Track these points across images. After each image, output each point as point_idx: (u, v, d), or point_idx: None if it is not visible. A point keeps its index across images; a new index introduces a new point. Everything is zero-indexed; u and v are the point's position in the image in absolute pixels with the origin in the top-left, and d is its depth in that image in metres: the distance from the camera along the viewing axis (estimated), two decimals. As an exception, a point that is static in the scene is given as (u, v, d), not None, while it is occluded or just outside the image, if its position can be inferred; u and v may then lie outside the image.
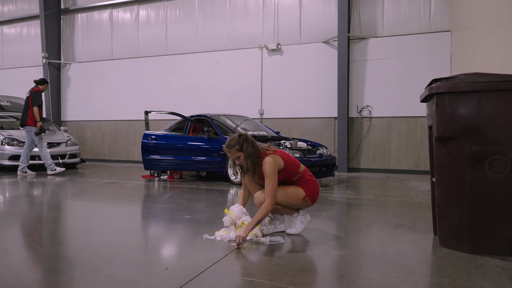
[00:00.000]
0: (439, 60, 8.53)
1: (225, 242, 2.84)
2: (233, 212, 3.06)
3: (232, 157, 3.01)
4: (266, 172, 2.91)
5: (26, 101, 7.70)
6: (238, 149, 2.95)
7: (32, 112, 7.55)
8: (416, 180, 7.37)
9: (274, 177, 2.91)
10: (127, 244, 2.81)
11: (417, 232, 3.22)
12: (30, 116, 7.55)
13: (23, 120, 7.68)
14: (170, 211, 4.17)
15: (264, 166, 2.93)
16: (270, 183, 2.90)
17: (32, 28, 12.98)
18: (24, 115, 7.63)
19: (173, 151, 6.93)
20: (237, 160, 3.01)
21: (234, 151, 2.97)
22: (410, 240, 2.97)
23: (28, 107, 7.58)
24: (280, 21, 9.86)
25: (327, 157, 6.64)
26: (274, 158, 2.93)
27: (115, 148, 11.80)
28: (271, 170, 2.90)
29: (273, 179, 2.91)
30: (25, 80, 13.01)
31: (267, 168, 2.90)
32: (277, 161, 2.94)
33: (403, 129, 8.87)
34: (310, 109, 9.57)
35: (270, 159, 2.92)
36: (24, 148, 7.92)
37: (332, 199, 5.01)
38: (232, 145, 2.98)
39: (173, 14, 11.10)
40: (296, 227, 3.15)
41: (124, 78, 11.63)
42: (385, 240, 2.96)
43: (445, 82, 2.58)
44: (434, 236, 3.07)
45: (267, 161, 2.92)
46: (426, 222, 3.67)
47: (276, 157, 2.96)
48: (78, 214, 4.04)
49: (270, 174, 2.90)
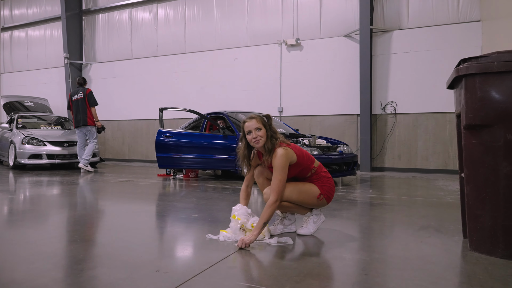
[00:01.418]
0: (469, 52, 7.97)
1: (229, 243, 2.60)
2: (239, 217, 2.79)
3: (253, 127, 2.68)
4: (276, 164, 2.64)
5: (82, 102, 8.04)
6: (263, 122, 2.71)
7: (91, 112, 8.08)
8: (444, 179, 6.91)
9: (283, 171, 2.64)
10: (123, 243, 2.62)
11: (444, 234, 2.87)
12: (89, 116, 8.07)
13: (83, 120, 8.05)
14: (177, 210, 3.97)
15: (274, 158, 2.65)
16: (278, 177, 2.63)
17: (55, 30, 13.19)
18: (84, 115, 8.04)
19: (188, 149, 6.76)
20: (256, 132, 2.68)
21: (259, 121, 2.70)
22: (436, 243, 2.64)
23: (86, 108, 8.03)
24: (299, 16, 9.56)
25: (348, 155, 6.31)
26: (286, 151, 2.66)
27: (135, 148, 11.80)
28: (281, 163, 2.62)
29: (282, 174, 2.64)
30: (48, 81, 13.27)
31: (277, 160, 2.63)
32: (289, 154, 2.66)
33: (431, 126, 8.39)
34: (331, 106, 9.22)
35: (282, 151, 2.64)
36: (78, 147, 8.39)
37: (352, 199, 4.69)
38: (255, 116, 2.73)
39: (192, 12, 11.00)
40: (308, 228, 2.87)
41: (143, 77, 11.61)
42: (407, 243, 2.64)
43: (475, 62, 2.25)
44: (463, 239, 2.73)
45: (278, 152, 2.64)
46: (455, 223, 3.31)
47: (288, 149, 2.68)
48: (78, 211, 3.90)
49: (280, 168, 2.62)
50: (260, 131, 2.70)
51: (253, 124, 2.71)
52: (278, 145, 2.70)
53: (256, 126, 2.70)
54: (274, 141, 2.70)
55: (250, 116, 2.76)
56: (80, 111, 8.09)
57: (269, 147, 2.70)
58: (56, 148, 8.91)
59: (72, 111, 8.28)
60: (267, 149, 2.69)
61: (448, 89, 2.79)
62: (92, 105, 8.12)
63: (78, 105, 8.13)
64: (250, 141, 2.75)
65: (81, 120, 8.08)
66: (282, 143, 2.73)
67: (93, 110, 8.15)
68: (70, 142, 9.18)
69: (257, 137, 2.70)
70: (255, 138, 2.71)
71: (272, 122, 2.77)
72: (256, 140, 2.71)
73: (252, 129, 2.71)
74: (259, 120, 2.73)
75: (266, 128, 2.71)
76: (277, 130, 2.78)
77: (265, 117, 2.78)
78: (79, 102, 8.12)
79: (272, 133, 2.72)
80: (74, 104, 8.19)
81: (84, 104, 8.07)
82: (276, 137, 2.72)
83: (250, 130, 2.72)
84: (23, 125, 9.84)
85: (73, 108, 8.21)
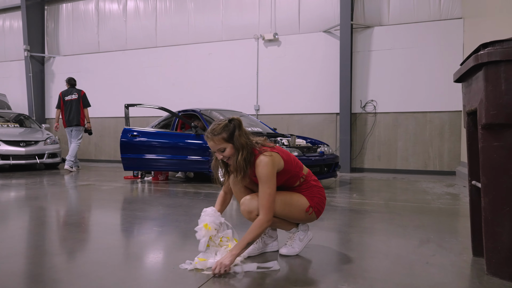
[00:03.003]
0: (451, 49, 7.80)
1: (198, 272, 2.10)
2: (210, 225, 2.29)
3: (214, 148, 2.19)
4: (261, 175, 2.14)
5: (76, 102, 8.16)
6: (226, 138, 2.15)
7: (84, 114, 8.24)
8: (426, 181, 6.64)
9: (271, 182, 2.14)
10: (30, 269, 2.07)
11: (449, 252, 2.48)
12: (82, 117, 8.23)
13: (77, 120, 8.16)
14: (139, 221, 3.42)
15: (258, 167, 2.14)
16: (266, 191, 2.13)
17: (15, 20, 12.24)
18: (77, 116, 8.17)
19: (156, 149, 6.19)
20: (220, 154, 2.19)
21: (219, 140, 2.16)
22: (444, 264, 2.23)
23: (80, 108, 8.17)
24: (277, 9, 9.12)
25: (329, 156, 5.91)
26: (272, 157, 2.15)
27: (102, 147, 11.06)
28: (267, 173, 2.13)
29: (270, 186, 2.14)
30: (7, 75, 12.30)
31: (262, 170, 2.13)
32: (275, 161, 2.16)
33: (411, 126, 8.14)
34: (310, 104, 8.83)
35: (267, 159, 2.13)
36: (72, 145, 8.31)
37: (335, 205, 4.27)
38: (217, 132, 2.16)
39: (163, 4, 10.37)
40: (293, 246, 2.41)
41: (112, 72, 10.89)
42: (411, 265, 2.22)
43: (500, 47, 1.84)
44: (473, 257, 2.34)
45: (262, 160, 2.14)
46: (455, 235, 2.94)
47: (274, 155, 2.18)
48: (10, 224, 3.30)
49: (267, 179, 2.13)
50: (224, 151, 2.19)
51: (213, 146, 2.20)
52: (260, 151, 2.19)
53: (218, 148, 2.19)
54: (249, 156, 2.18)
55: (211, 128, 2.19)
56: (73, 111, 8.17)
57: (245, 163, 2.17)
58: (12, 147, 8.12)
59: (63, 110, 8.25)
60: (244, 165, 2.17)
61: (455, 82, 2.39)
62: (86, 106, 8.29)
63: (71, 105, 8.19)
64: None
65: (74, 120, 8.17)
66: (263, 147, 2.23)
67: (86, 112, 8.30)
68: (28, 142, 8.41)
69: (224, 158, 2.22)
70: (222, 159, 2.24)
71: (241, 129, 2.20)
72: (223, 160, 2.24)
73: (215, 150, 2.22)
74: (219, 139, 2.17)
75: (233, 142, 2.17)
76: (249, 136, 2.23)
77: (230, 124, 2.19)
78: (73, 102, 8.20)
79: (243, 144, 2.17)
80: (67, 104, 8.22)
81: (78, 105, 8.20)
82: (252, 145, 2.22)
83: (213, 151, 2.24)
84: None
85: (65, 108, 8.22)
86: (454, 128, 7.81)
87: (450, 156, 7.86)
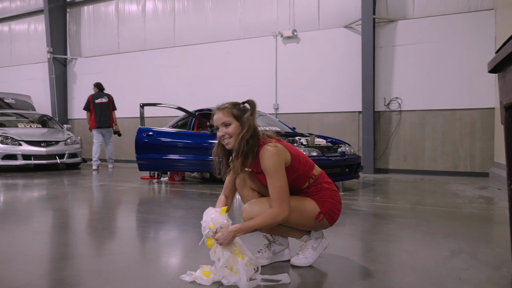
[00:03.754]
0: (481, 43, 7.33)
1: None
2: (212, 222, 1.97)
3: (219, 121, 2.00)
4: (267, 167, 1.91)
5: (105, 106, 8.65)
6: (235, 114, 1.98)
7: (113, 116, 8.84)
8: (456, 183, 6.23)
9: (279, 174, 1.92)
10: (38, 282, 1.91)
11: (485, 265, 2.19)
12: (112, 120, 8.80)
13: (108, 122, 8.72)
14: (145, 225, 3.26)
15: (263, 158, 1.92)
16: (275, 183, 1.91)
17: (39, 24, 12.44)
18: (108, 118, 8.73)
19: (171, 149, 6.05)
20: (223, 129, 1.99)
21: (228, 112, 1.99)
22: (480, 280, 1.95)
23: (109, 111, 8.73)
24: (296, 5, 8.86)
25: (351, 156, 5.61)
26: (277, 148, 1.93)
27: (121, 147, 11.09)
28: (273, 164, 1.90)
29: (279, 177, 1.91)
30: (32, 77, 12.54)
31: (267, 161, 1.90)
32: (280, 152, 1.94)
33: (439, 124, 7.71)
34: (331, 102, 8.52)
35: (271, 149, 1.92)
36: (95, 146, 8.78)
37: (356, 208, 4.00)
38: (229, 105, 2.00)
39: (181, 4, 10.29)
40: (306, 256, 2.17)
41: (131, 73, 10.90)
42: (441, 281, 1.94)
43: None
44: (514, 272, 2.04)
45: (267, 150, 1.92)
46: (492, 245, 2.63)
47: (280, 146, 1.96)
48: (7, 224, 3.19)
49: (273, 170, 1.91)
50: (229, 127, 1.99)
51: (220, 118, 2.00)
52: (264, 142, 1.98)
53: (223, 121, 1.99)
54: (254, 141, 1.97)
55: (219, 106, 2.04)
56: (103, 113, 8.66)
57: (244, 150, 1.96)
58: (33, 148, 8.20)
59: (94, 112, 8.63)
60: (241, 153, 1.96)
61: (490, 72, 2.10)
62: (114, 109, 8.85)
63: (102, 108, 8.65)
64: (219, 139, 2.06)
65: (106, 121, 8.69)
66: (269, 138, 2.01)
67: (114, 115, 8.86)
68: (48, 142, 8.48)
69: (224, 136, 2.00)
70: (222, 137, 2.01)
71: (254, 113, 2.02)
72: (223, 139, 2.02)
73: (219, 124, 2.01)
74: (228, 111, 1.99)
75: (241, 122, 1.98)
76: (256, 125, 2.02)
77: (244, 103, 2.04)
78: (103, 105, 8.66)
79: (250, 126, 1.97)
80: (97, 106, 8.63)
81: (108, 108, 8.70)
82: (256, 135, 2.00)
83: (217, 126, 2.03)
84: (1, 123, 9.11)
85: (96, 111, 8.62)
86: (486, 126, 7.34)
87: (482, 156, 7.39)
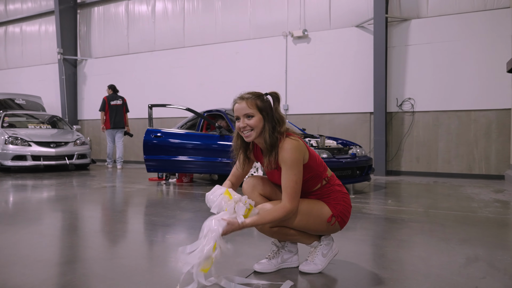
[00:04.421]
0: (498, 42, 7.13)
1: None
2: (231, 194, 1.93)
3: (241, 112, 1.90)
4: (286, 159, 1.85)
5: (120, 108, 8.98)
6: (259, 105, 1.90)
7: (126, 118, 9.18)
8: (471, 186, 6.06)
9: (297, 169, 1.86)
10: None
11: (503, 273, 2.07)
12: (125, 121, 9.14)
13: (122, 123, 9.07)
14: (151, 227, 3.20)
15: (283, 151, 1.86)
16: (291, 177, 1.85)
17: (50, 25, 12.53)
18: (122, 119, 9.06)
19: (180, 150, 5.99)
20: (244, 120, 1.89)
21: (252, 103, 1.90)
22: (501, 291, 1.83)
23: (123, 113, 9.05)
24: (306, 5, 8.74)
25: (362, 158, 5.49)
26: (298, 142, 1.88)
27: (130, 148, 11.08)
28: (294, 158, 1.85)
29: (296, 172, 1.86)
30: (43, 78, 12.65)
31: (287, 154, 1.85)
32: (302, 147, 1.89)
33: (453, 125, 7.52)
34: (342, 103, 8.39)
35: (295, 142, 1.87)
36: (109, 147, 9.26)
37: (368, 212, 3.88)
38: (249, 96, 1.92)
39: (191, 4, 10.25)
40: (316, 263, 2.08)
41: (141, 73, 10.91)
42: (458, 291, 1.83)
43: None
44: (537, 283, 1.91)
45: (290, 144, 1.86)
46: (509, 252, 2.50)
47: (301, 141, 1.91)
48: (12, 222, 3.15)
49: (292, 163, 1.85)
50: (251, 119, 1.90)
51: (242, 108, 1.91)
52: (284, 136, 1.91)
53: (246, 112, 1.90)
54: (277, 135, 1.90)
55: (242, 95, 1.95)
56: (118, 115, 8.99)
57: (268, 142, 1.89)
58: (42, 148, 8.23)
59: (109, 114, 8.94)
60: (266, 146, 1.90)
61: (509, 72, 1.97)
62: (127, 111, 9.20)
63: (117, 109, 8.97)
64: (238, 130, 1.97)
65: (120, 123, 9.02)
66: (288, 133, 1.94)
67: (127, 116, 9.20)
68: (58, 143, 8.50)
69: (245, 127, 1.91)
70: (243, 128, 1.92)
71: (278, 106, 1.96)
72: (244, 130, 1.92)
73: (241, 115, 1.92)
74: (252, 102, 1.90)
75: (263, 115, 1.90)
76: (283, 118, 1.96)
77: (268, 95, 1.95)
78: (118, 107, 8.99)
79: (274, 122, 1.91)
80: (113, 108, 8.94)
81: (122, 110, 9.03)
82: (281, 129, 1.92)
83: (238, 116, 1.94)
84: (12, 124, 9.17)
85: (111, 112, 8.93)
86: (502, 128, 7.13)
87: (498, 158, 7.18)
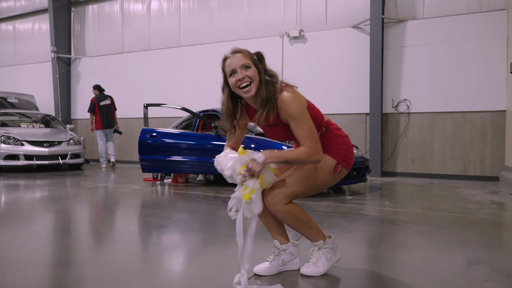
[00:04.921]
0: (493, 44, 7.17)
1: None
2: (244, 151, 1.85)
3: (237, 64, 1.82)
4: (291, 112, 1.80)
5: (109, 107, 9.07)
6: (253, 58, 1.88)
7: (115, 116, 9.27)
8: (467, 187, 6.07)
9: (306, 117, 1.83)
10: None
11: (506, 276, 2.05)
12: (115, 120, 9.24)
13: (112, 123, 9.16)
14: (147, 229, 3.14)
15: (285, 105, 1.81)
16: (304, 127, 1.82)
17: (44, 23, 12.39)
18: (112, 119, 9.14)
19: (175, 150, 5.94)
20: (242, 71, 1.82)
21: (247, 55, 1.86)
22: (504, 295, 1.81)
23: (112, 112, 9.15)
24: (303, 5, 8.72)
25: (358, 159, 5.47)
26: (296, 93, 1.86)
27: (125, 148, 11.00)
28: (299, 107, 1.81)
29: (306, 122, 1.82)
30: (36, 76, 12.50)
31: (292, 105, 1.80)
32: (300, 96, 1.87)
33: (449, 127, 7.54)
34: (338, 104, 8.37)
35: (292, 94, 1.83)
36: (101, 146, 9.23)
37: (365, 213, 3.86)
38: (243, 49, 1.89)
39: (187, 4, 10.19)
40: (318, 266, 2.04)
41: (135, 73, 10.81)
42: (462, 295, 1.81)
43: None
44: (540, 287, 1.90)
45: (288, 95, 1.82)
46: (510, 254, 2.48)
47: (296, 91, 1.88)
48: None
49: (299, 114, 1.81)
50: (249, 69, 1.83)
51: (238, 60, 1.84)
52: (280, 90, 1.86)
53: (243, 63, 1.84)
54: (272, 88, 1.85)
55: (233, 49, 1.89)
56: (109, 115, 9.07)
57: (264, 95, 1.83)
58: (35, 148, 8.12)
59: (100, 114, 8.99)
60: (262, 99, 1.83)
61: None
62: (115, 110, 9.28)
63: (107, 109, 9.05)
64: (234, 87, 1.87)
65: (111, 122, 9.11)
66: (285, 86, 1.89)
67: (115, 115, 9.29)
68: (51, 142, 8.40)
69: (244, 79, 1.82)
70: (241, 81, 1.83)
71: (265, 63, 1.93)
72: (243, 83, 1.83)
73: (237, 67, 1.84)
74: (247, 54, 1.87)
75: (258, 68, 1.86)
76: (276, 73, 1.92)
77: (255, 54, 1.92)
78: (108, 107, 9.06)
79: (267, 76, 1.88)
80: (103, 108, 9.01)
81: (111, 109, 9.12)
82: (275, 82, 1.87)
83: (234, 70, 1.85)
84: (4, 123, 9.04)
85: (102, 113, 8.99)
86: (497, 129, 7.16)
87: (492, 160, 7.21)
